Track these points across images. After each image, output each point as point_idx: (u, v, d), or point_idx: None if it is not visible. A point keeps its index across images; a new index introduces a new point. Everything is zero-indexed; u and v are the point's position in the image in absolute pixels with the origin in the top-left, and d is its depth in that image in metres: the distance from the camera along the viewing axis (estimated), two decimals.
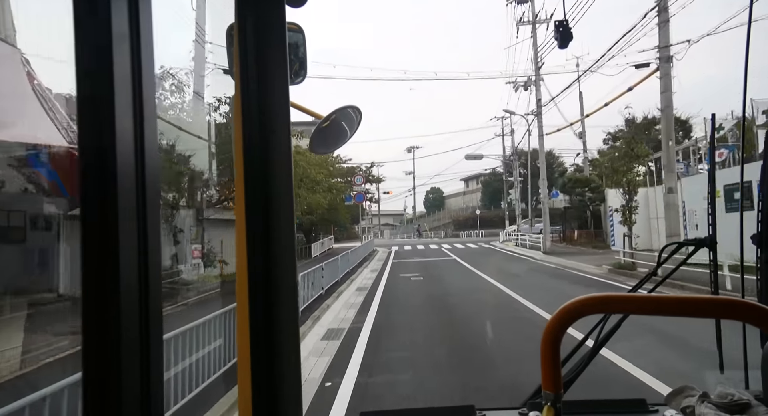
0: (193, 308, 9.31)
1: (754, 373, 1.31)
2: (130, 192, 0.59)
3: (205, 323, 4.95)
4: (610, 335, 1.43)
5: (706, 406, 1.15)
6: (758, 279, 1.63)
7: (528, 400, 1.32)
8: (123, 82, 0.59)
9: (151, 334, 0.61)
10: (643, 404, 1.33)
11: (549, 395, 0.72)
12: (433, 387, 5.13)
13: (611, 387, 4.66)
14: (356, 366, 5.93)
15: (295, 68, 1.76)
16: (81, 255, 0.58)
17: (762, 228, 1.59)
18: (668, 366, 5.42)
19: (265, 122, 0.93)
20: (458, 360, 6.20)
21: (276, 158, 0.93)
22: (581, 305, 0.73)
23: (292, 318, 0.94)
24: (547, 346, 0.72)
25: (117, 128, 0.58)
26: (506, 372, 5.46)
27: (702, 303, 0.71)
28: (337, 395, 4.91)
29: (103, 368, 0.57)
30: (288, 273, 0.94)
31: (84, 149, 0.58)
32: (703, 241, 1.51)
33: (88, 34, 0.58)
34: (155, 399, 0.62)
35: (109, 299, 0.57)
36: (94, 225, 0.58)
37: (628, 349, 5.62)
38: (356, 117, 2.84)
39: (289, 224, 0.94)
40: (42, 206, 7.47)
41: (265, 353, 0.92)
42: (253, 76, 0.93)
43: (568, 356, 1.42)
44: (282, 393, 0.92)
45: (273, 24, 0.94)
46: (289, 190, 0.94)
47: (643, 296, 0.75)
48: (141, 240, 0.61)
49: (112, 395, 0.57)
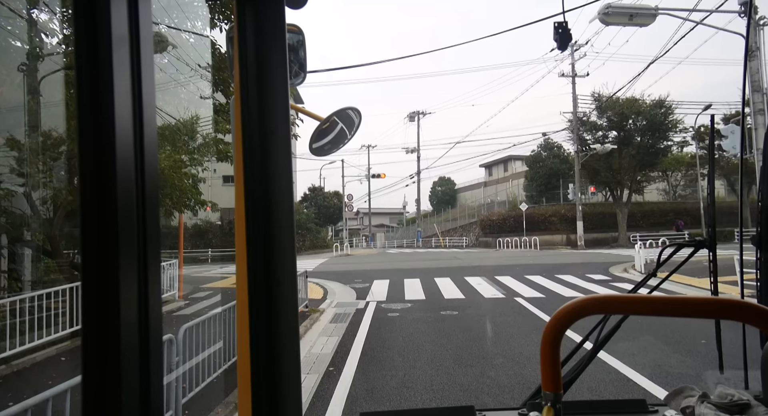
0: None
1: (753, 373, 1.31)
2: (130, 192, 0.59)
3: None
4: (610, 335, 1.43)
5: (706, 406, 1.15)
6: (758, 279, 1.63)
7: (528, 401, 1.32)
8: (123, 83, 0.59)
9: (150, 334, 0.61)
10: (642, 404, 1.33)
11: (549, 395, 0.72)
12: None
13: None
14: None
15: (294, 69, 1.77)
16: (81, 255, 0.58)
17: (762, 228, 1.59)
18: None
19: (265, 122, 0.94)
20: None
21: (276, 158, 0.94)
22: (581, 306, 0.73)
23: (292, 317, 0.95)
24: (547, 347, 0.72)
25: (117, 127, 0.58)
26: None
27: (702, 304, 0.71)
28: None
29: (103, 368, 0.57)
30: (288, 273, 0.94)
31: (84, 150, 0.58)
32: (703, 242, 1.51)
33: (88, 34, 0.58)
34: (155, 399, 0.62)
35: (109, 300, 0.57)
36: (94, 225, 0.58)
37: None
38: (356, 118, 2.85)
39: (289, 224, 0.94)
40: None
41: (265, 353, 0.92)
42: (253, 76, 0.93)
43: (568, 356, 1.42)
44: (282, 393, 0.92)
45: (273, 25, 0.94)
46: (289, 190, 0.94)
47: (642, 297, 0.75)
48: (141, 240, 0.61)
49: (112, 395, 0.57)
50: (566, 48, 4.64)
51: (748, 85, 11.77)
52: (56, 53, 7.55)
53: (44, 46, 7.50)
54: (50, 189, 7.89)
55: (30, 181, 7.43)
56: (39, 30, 7.49)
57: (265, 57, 0.94)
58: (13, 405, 2.53)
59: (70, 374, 4.74)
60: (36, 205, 7.69)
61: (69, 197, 7.62)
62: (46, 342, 6.28)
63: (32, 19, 7.45)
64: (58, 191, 7.85)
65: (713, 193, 1.62)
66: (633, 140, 28.63)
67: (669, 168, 34.35)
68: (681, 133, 29.77)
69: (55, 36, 7.76)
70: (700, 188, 29.90)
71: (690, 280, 10.97)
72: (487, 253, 28.17)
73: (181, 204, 9.98)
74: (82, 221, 0.58)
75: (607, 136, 29.52)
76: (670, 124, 28.56)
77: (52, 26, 7.77)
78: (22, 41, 7.45)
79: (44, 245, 8.06)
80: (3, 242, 7.53)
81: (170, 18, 8.83)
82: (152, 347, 0.61)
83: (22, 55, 7.19)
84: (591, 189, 32.68)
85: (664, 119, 28.12)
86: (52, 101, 7.40)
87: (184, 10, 9.25)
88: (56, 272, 8.18)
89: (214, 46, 9.22)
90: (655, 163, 29.96)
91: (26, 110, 7.09)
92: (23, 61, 7.02)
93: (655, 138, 28.45)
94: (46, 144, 7.34)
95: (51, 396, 2.68)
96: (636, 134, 28.72)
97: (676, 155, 33.70)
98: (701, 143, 29.29)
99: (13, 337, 5.76)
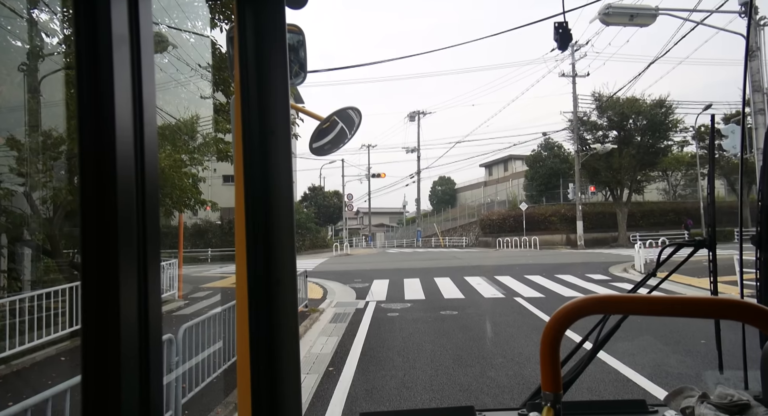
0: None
1: (753, 373, 1.31)
2: (130, 192, 0.59)
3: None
4: (610, 335, 1.43)
5: (706, 407, 1.15)
6: (758, 279, 1.63)
7: (528, 401, 1.32)
8: (123, 82, 0.59)
9: (150, 334, 0.61)
10: (642, 405, 1.33)
11: (548, 395, 0.72)
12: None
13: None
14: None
15: (295, 69, 1.77)
16: (81, 255, 0.58)
17: (761, 228, 1.59)
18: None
19: (266, 121, 0.94)
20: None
21: (276, 157, 0.94)
22: (581, 305, 0.73)
23: (291, 317, 0.95)
24: (547, 347, 0.72)
25: (117, 127, 0.58)
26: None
27: (701, 304, 0.71)
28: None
29: (103, 368, 0.57)
30: (288, 273, 0.94)
31: (84, 149, 0.58)
32: (703, 242, 1.51)
33: (89, 34, 0.58)
34: (155, 399, 0.62)
35: (109, 300, 0.57)
36: (94, 225, 0.58)
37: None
38: (356, 118, 2.85)
39: (289, 224, 0.94)
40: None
41: (264, 353, 0.92)
42: (253, 76, 0.94)
43: (568, 356, 1.42)
44: (282, 393, 0.92)
45: (273, 25, 0.94)
46: (289, 190, 0.95)
47: (642, 297, 0.75)
48: (141, 240, 0.61)
49: (112, 396, 0.57)
50: (566, 48, 4.65)
51: (748, 85, 11.76)
52: (56, 53, 7.55)
53: (44, 45, 7.50)
54: (50, 189, 7.89)
55: (30, 181, 7.43)
56: (39, 30, 7.48)
57: (265, 57, 0.94)
58: (13, 405, 2.54)
59: (69, 374, 4.74)
60: (36, 205, 7.69)
61: (69, 197, 7.62)
62: (46, 341, 6.28)
63: (32, 18, 7.45)
64: (58, 191, 7.84)
65: (713, 193, 1.62)
66: (633, 139, 28.72)
67: (669, 168, 34.40)
68: (681, 133, 29.83)
69: (55, 36, 7.76)
70: (700, 187, 29.93)
71: (690, 280, 10.97)
72: (486, 253, 28.02)
73: (181, 204, 9.97)
74: (82, 221, 0.58)
75: (607, 135, 29.57)
76: (670, 124, 28.62)
77: (53, 26, 7.77)
78: (23, 41, 7.45)
79: (44, 244, 8.06)
80: (3, 241, 7.53)
81: (170, 18, 8.83)
82: (152, 347, 0.61)
83: (22, 55, 7.19)
84: (591, 189, 32.68)
85: (664, 118, 28.17)
86: (52, 101, 7.40)
87: (185, 10, 9.25)
88: (56, 271, 8.18)
89: (215, 46, 9.21)
90: (655, 163, 29.96)
91: (26, 109, 7.09)
92: (23, 61, 7.02)
93: (655, 138, 28.50)
94: (46, 144, 7.34)
95: (51, 396, 2.69)
96: (636, 133, 28.81)
97: (677, 155, 33.74)
98: (701, 142, 29.33)
99: (13, 337, 5.76)
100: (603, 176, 29.64)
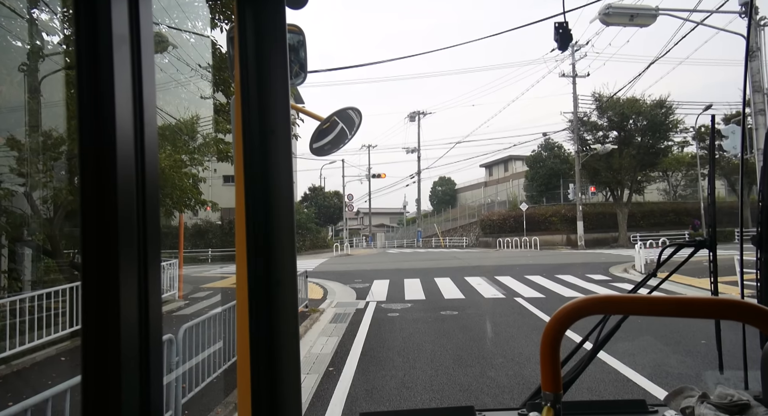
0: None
1: (753, 374, 1.31)
2: (130, 192, 0.59)
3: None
4: (610, 336, 1.43)
5: (706, 407, 1.15)
6: (758, 279, 1.63)
7: (528, 401, 1.32)
8: (123, 83, 0.59)
9: (150, 334, 0.61)
10: (642, 405, 1.33)
11: (549, 395, 0.72)
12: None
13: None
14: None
15: (295, 69, 1.77)
16: (81, 255, 0.58)
17: (762, 228, 1.59)
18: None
19: (266, 121, 0.94)
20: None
21: (276, 157, 0.94)
22: (581, 306, 0.73)
23: (292, 317, 0.95)
24: (547, 347, 0.72)
25: (117, 127, 0.58)
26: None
27: (702, 304, 0.71)
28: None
29: (103, 368, 0.57)
30: (288, 273, 0.94)
31: (84, 149, 0.58)
32: (703, 242, 1.51)
33: (89, 34, 0.58)
34: (155, 399, 0.62)
35: (109, 300, 0.57)
36: (94, 225, 0.58)
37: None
38: (356, 118, 2.85)
39: (289, 224, 0.94)
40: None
41: (264, 353, 0.92)
42: (253, 76, 0.93)
43: (568, 357, 1.42)
44: (282, 393, 0.92)
45: (273, 25, 0.94)
46: (289, 190, 0.94)
47: (642, 297, 0.75)
48: (141, 240, 0.61)
49: (112, 395, 0.57)
50: (567, 48, 4.65)
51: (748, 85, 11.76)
52: (57, 53, 7.54)
53: (45, 45, 7.50)
54: (50, 189, 7.89)
55: (30, 181, 7.43)
56: (39, 29, 7.48)
57: (265, 57, 0.94)
58: (13, 405, 2.54)
59: (69, 374, 4.74)
60: (36, 205, 7.69)
61: (69, 197, 7.62)
62: (46, 341, 6.28)
63: (32, 18, 7.45)
64: (58, 191, 7.84)
65: (713, 193, 1.62)
66: (633, 140, 28.77)
67: (669, 168, 34.44)
68: (681, 133, 29.86)
69: (55, 35, 7.76)
70: (700, 188, 29.93)
71: (690, 280, 10.97)
72: (487, 253, 27.94)
73: (181, 204, 9.97)
74: (82, 221, 0.58)
75: (607, 136, 29.58)
76: (670, 124, 28.62)
77: (53, 26, 7.77)
78: (23, 41, 7.45)
79: (44, 244, 8.06)
80: (3, 241, 7.53)
81: (171, 18, 8.83)
82: (152, 347, 0.61)
83: (22, 55, 7.18)
84: (591, 189, 32.71)
85: (664, 119, 28.16)
86: (52, 101, 7.39)
87: (185, 10, 9.24)
88: (56, 272, 8.18)
89: (215, 46, 9.21)
90: (655, 163, 29.98)
91: (26, 109, 7.09)
92: (23, 61, 7.02)
93: (655, 138, 28.54)
94: (47, 144, 7.33)
95: (51, 396, 2.68)
96: (636, 134, 28.87)
97: (677, 155, 33.79)
98: (702, 143, 29.38)
99: (13, 337, 5.76)
100: (603, 177, 29.68)
